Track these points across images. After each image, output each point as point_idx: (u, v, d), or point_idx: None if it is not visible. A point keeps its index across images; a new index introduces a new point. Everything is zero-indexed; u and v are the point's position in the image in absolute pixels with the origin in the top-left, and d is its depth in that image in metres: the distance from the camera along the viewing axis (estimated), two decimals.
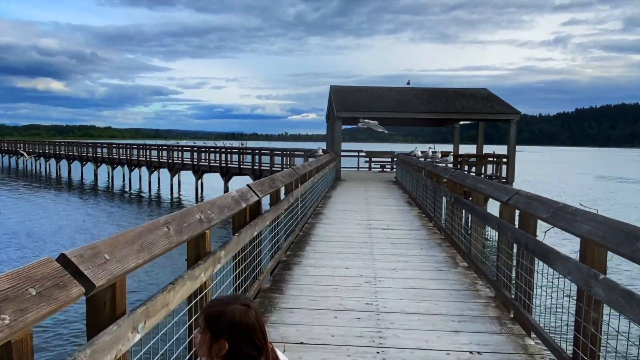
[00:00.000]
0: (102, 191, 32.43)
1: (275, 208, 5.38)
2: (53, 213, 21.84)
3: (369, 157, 25.90)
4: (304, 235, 7.61)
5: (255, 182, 4.70)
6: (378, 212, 10.33)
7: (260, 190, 4.64)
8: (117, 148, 37.40)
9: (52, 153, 45.18)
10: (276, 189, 5.42)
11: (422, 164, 10.96)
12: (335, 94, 20.09)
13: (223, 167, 26.55)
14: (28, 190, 31.41)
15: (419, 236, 7.70)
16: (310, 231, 8.00)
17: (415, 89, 21.74)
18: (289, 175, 6.61)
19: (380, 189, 15.48)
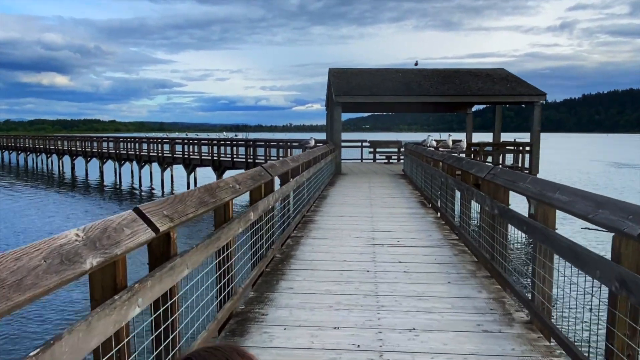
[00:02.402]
0: (93, 187, 30.47)
1: (214, 238, 3.25)
2: (25, 209, 19.93)
3: (373, 148, 23.67)
4: (282, 260, 5.49)
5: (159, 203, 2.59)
6: (384, 217, 8.17)
7: (169, 217, 2.54)
8: (107, 142, 35.37)
9: (54, 148, 43.05)
10: (217, 205, 3.29)
11: (439, 156, 8.77)
12: (335, 78, 17.86)
13: (215, 161, 24.49)
14: (26, 188, 29.51)
15: (443, 258, 5.53)
16: (292, 251, 5.87)
17: (425, 70, 19.43)
18: (252, 178, 4.47)
19: (387, 185, 13.30)
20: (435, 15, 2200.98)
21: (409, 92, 17.04)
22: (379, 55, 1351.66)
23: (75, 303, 8.97)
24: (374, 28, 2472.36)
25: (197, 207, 2.95)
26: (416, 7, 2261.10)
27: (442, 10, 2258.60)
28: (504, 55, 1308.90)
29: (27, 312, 8.44)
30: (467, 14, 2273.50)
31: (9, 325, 8.09)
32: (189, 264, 2.69)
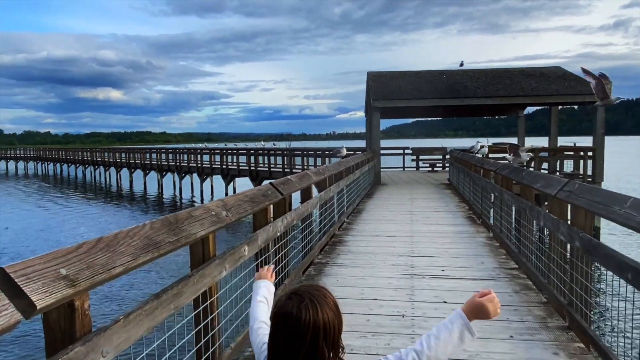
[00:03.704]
0: (137, 197, 30.62)
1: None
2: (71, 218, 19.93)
3: (416, 155, 22.34)
4: None
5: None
6: (427, 237, 7.02)
7: (70, 281, 1.61)
8: (149, 153, 35.67)
9: (100, 160, 43.90)
10: (176, 246, 2.34)
11: (490, 165, 7.53)
12: (373, 82, 16.77)
13: (252, 171, 23.87)
14: (82, 200, 30.08)
15: (501, 297, 4.23)
16: (315, 281, 4.85)
17: (471, 71, 17.98)
18: (252, 200, 3.50)
19: (430, 197, 12.05)
20: (481, 19, 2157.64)
21: (453, 95, 15.70)
22: (423, 61, 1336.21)
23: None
24: (417, 34, 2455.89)
25: (138, 253, 2.01)
26: (461, 11, 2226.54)
27: (488, 13, 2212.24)
28: (554, 56, 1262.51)
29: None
30: (514, 15, 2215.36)
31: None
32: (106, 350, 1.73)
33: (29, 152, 61.56)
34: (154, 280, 11.10)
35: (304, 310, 1.27)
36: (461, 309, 1.46)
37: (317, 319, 1.26)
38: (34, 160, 57.32)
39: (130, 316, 1.88)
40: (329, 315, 1.28)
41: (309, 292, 1.32)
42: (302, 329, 1.25)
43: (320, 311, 1.27)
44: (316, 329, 1.26)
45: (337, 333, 1.30)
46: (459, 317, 1.44)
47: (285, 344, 1.28)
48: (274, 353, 1.32)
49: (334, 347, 1.29)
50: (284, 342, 1.28)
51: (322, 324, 1.26)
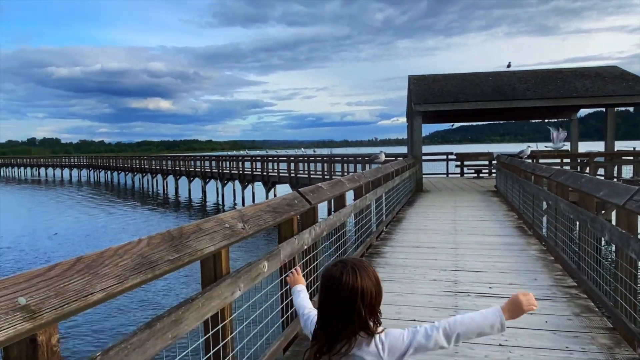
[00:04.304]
0: (183, 204, 31.18)
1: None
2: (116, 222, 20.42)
3: (460, 161, 21.52)
4: None
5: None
6: (472, 249, 6.50)
7: (32, 314, 1.34)
8: (193, 160, 36.34)
9: (148, 168, 45.04)
10: (177, 265, 2.06)
11: (543, 170, 6.92)
12: (415, 85, 16.23)
13: (292, 178, 23.74)
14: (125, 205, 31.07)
15: (558, 321, 3.80)
16: None
17: (520, 72, 17.10)
18: (275, 210, 3.19)
19: (476, 204, 11.40)
20: (529, 21, 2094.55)
21: (500, 97, 14.94)
22: (467, 66, 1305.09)
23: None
24: (461, 38, 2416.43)
25: (126, 275, 1.73)
26: (507, 13, 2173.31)
27: (536, 14, 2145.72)
28: (607, 57, 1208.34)
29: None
30: (563, 16, 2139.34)
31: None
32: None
33: (82, 160, 64.31)
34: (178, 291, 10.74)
35: (345, 274, 1.48)
36: (500, 305, 1.61)
37: (356, 284, 1.46)
38: (87, 168, 59.79)
39: (111, 352, 1.59)
40: (367, 283, 1.47)
41: (352, 261, 1.54)
42: (342, 290, 1.46)
43: (360, 277, 1.47)
44: (354, 291, 1.45)
45: (375, 300, 1.49)
46: (495, 310, 1.59)
47: (328, 305, 1.51)
48: (320, 317, 1.55)
49: (371, 312, 1.48)
50: (327, 303, 1.51)
51: (360, 289, 1.46)
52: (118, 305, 9.96)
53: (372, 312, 1.48)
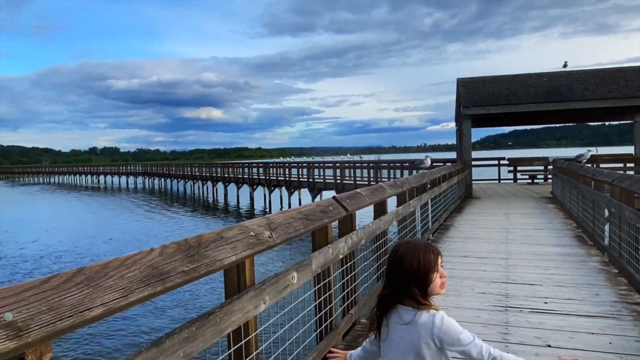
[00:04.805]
0: (231, 210, 31.73)
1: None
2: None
3: (513, 166, 20.60)
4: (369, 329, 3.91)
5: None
6: (525, 260, 6.06)
7: None
8: (241, 167, 36.93)
9: (198, 175, 46.18)
10: (189, 277, 1.92)
11: (605, 175, 6.38)
12: (463, 88, 15.67)
13: (338, 184, 23.57)
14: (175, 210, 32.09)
15: (625, 343, 3.38)
16: None
17: (577, 72, 16.15)
18: (307, 217, 3.02)
19: (530, 212, 10.77)
20: (586, 20, 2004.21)
21: (556, 98, 14.14)
22: (520, 68, 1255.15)
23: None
24: (514, 40, 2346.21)
25: (132, 288, 1.60)
26: (563, 13, 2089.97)
27: (595, 13, 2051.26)
28: None
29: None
30: (624, 14, 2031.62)
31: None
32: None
33: (137, 168, 67.02)
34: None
35: (402, 248, 1.84)
36: None
37: (407, 259, 1.79)
38: (142, 175, 62.23)
39: None
40: (415, 262, 1.78)
41: (417, 241, 1.93)
42: (392, 261, 1.84)
43: (411, 253, 1.80)
44: (399, 264, 1.80)
45: (418, 277, 1.78)
46: None
47: (386, 270, 1.90)
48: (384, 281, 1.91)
49: (418, 285, 1.77)
50: (386, 269, 1.90)
51: (409, 264, 1.78)
52: (156, 308, 10.09)
53: (420, 285, 1.77)
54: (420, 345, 1.75)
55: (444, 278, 1.83)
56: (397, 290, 1.79)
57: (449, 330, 1.72)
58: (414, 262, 1.78)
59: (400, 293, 1.79)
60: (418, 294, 1.76)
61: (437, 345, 1.74)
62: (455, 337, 1.72)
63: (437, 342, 1.73)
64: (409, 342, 1.76)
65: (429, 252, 1.81)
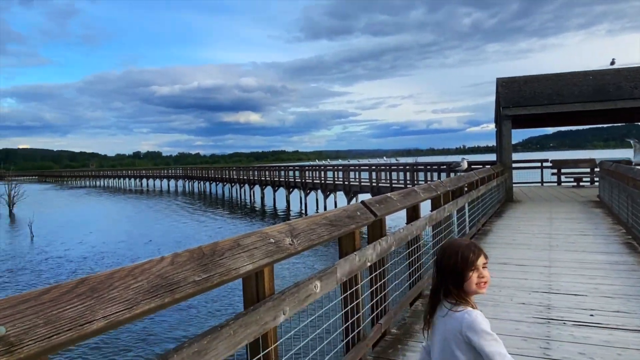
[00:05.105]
0: (268, 212, 32.00)
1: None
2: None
3: (557, 168, 19.78)
4: (399, 339, 3.76)
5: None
6: (569, 268, 5.72)
7: None
8: (277, 170, 37.15)
9: (236, 178, 46.75)
10: (202, 287, 1.83)
11: None
12: (503, 88, 15.15)
13: (373, 187, 23.32)
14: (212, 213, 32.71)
15: None
16: (419, 323, 4.07)
17: (626, 70, 15.34)
18: (332, 223, 2.90)
19: (575, 217, 10.26)
20: (636, 15, 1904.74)
21: (603, 97, 13.45)
22: (565, 66, 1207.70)
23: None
24: (557, 38, 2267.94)
25: (137, 300, 1.53)
26: (610, 9, 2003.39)
27: None
28: None
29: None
30: None
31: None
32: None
33: (178, 171, 68.67)
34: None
35: (445, 246, 1.98)
36: None
37: (446, 255, 1.90)
38: (182, 178, 63.72)
39: None
40: (452, 260, 1.86)
41: (461, 240, 2.02)
42: (438, 258, 1.94)
43: (451, 251, 1.89)
44: (439, 262, 1.93)
45: (453, 275, 1.85)
46: None
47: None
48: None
49: (454, 282, 1.85)
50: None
51: (447, 261, 1.88)
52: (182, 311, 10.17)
53: (455, 282, 1.85)
54: (451, 340, 1.81)
55: (482, 278, 1.86)
56: (439, 286, 1.90)
57: (475, 331, 1.76)
58: (452, 259, 1.86)
59: (441, 288, 1.89)
60: (454, 290, 1.84)
61: (466, 342, 1.78)
62: (478, 341, 1.75)
63: (466, 339, 1.78)
64: (443, 335, 1.85)
65: (469, 250, 1.87)
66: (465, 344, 1.79)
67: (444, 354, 1.85)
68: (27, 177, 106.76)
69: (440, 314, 1.88)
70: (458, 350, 1.80)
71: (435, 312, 1.91)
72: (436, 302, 1.92)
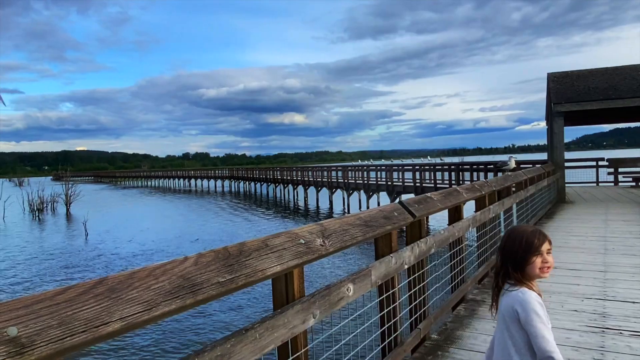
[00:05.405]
0: (311, 212, 32.14)
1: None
2: None
3: (614, 167, 18.71)
4: (439, 346, 3.60)
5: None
6: (627, 274, 5.33)
7: None
8: (320, 171, 37.20)
9: (280, 178, 47.32)
10: (227, 288, 1.77)
11: None
12: (555, 83, 14.46)
13: (417, 187, 22.90)
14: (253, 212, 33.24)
15: None
16: (460, 329, 3.89)
17: None
18: (367, 224, 2.80)
19: (633, 218, 9.61)
20: None
21: None
22: (623, 60, 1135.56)
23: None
24: (613, 31, 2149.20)
25: (157, 301, 1.48)
26: None
27: None
28: None
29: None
30: None
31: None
32: None
33: (224, 172, 70.16)
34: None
35: (510, 230, 2.06)
36: None
37: (510, 239, 1.99)
38: (228, 179, 65.04)
39: None
40: (515, 244, 1.95)
41: (527, 225, 2.13)
42: (502, 241, 2.06)
43: (515, 235, 1.98)
44: (502, 244, 2.05)
45: (514, 257, 1.94)
46: None
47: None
48: None
49: (514, 264, 1.93)
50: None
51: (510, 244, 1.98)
52: None
53: (516, 266, 1.92)
54: (507, 318, 1.90)
55: (546, 263, 1.92)
56: (500, 268, 1.99)
57: (525, 310, 1.83)
58: (515, 243, 1.95)
59: (501, 271, 1.98)
60: (513, 273, 1.92)
61: (518, 320, 1.85)
62: (525, 320, 1.83)
63: (517, 317, 1.85)
64: (502, 314, 1.94)
65: (533, 236, 1.94)
66: (517, 323, 1.85)
67: (502, 332, 1.93)
68: (84, 177, 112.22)
69: (501, 294, 1.99)
70: (512, 328, 1.87)
71: (499, 293, 2.01)
72: (499, 284, 2.01)
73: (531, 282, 1.94)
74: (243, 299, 10.90)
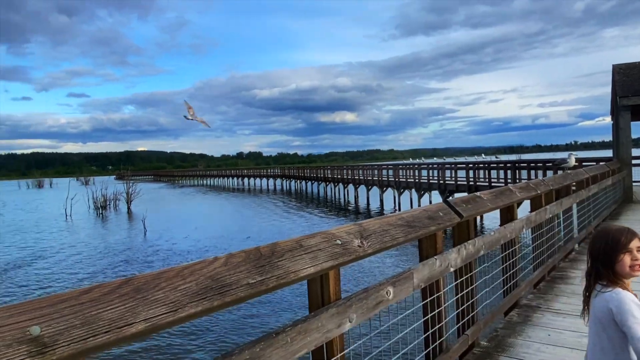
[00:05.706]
0: (362, 211, 32.02)
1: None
2: None
3: None
4: (490, 353, 3.42)
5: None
6: None
7: None
8: (370, 170, 36.91)
9: (330, 177, 47.58)
10: (253, 291, 1.72)
11: None
12: (620, 75, 13.54)
13: (471, 186, 22.20)
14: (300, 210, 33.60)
15: None
16: (511, 336, 3.68)
17: None
18: (409, 224, 2.68)
19: None
20: None
21: None
22: None
23: None
24: None
25: (183, 303, 1.46)
26: None
27: None
28: None
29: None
30: None
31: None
32: None
33: (276, 171, 71.24)
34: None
35: (597, 230, 2.10)
36: None
37: (594, 242, 1.99)
38: (280, 177, 65.98)
39: None
40: (598, 243, 1.95)
41: (613, 225, 2.11)
42: (589, 242, 2.04)
43: (601, 234, 1.98)
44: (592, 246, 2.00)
45: (607, 255, 1.90)
46: None
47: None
48: None
49: (604, 264, 1.90)
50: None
51: (597, 245, 1.96)
52: None
53: (605, 264, 1.89)
54: (600, 320, 1.85)
55: (637, 261, 1.86)
56: (591, 270, 1.95)
57: (621, 311, 1.77)
58: (602, 242, 1.92)
59: (592, 272, 1.94)
60: (605, 272, 1.88)
61: (613, 322, 1.80)
62: (621, 321, 1.77)
63: (613, 319, 1.80)
64: (595, 316, 1.89)
65: (620, 233, 1.90)
66: (613, 324, 1.80)
67: (595, 336, 1.89)
68: (144, 176, 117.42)
69: (593, 296, 1.93)
70: (607, 331, 1.82)
71: (590, 296, 1.96)
72: (590, 286, 1.96)
73: (625, 282, 1.88)
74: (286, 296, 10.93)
